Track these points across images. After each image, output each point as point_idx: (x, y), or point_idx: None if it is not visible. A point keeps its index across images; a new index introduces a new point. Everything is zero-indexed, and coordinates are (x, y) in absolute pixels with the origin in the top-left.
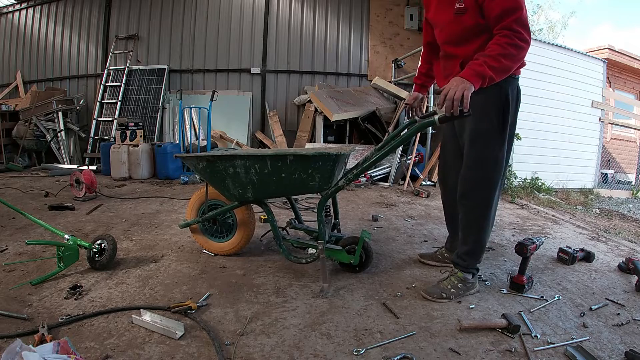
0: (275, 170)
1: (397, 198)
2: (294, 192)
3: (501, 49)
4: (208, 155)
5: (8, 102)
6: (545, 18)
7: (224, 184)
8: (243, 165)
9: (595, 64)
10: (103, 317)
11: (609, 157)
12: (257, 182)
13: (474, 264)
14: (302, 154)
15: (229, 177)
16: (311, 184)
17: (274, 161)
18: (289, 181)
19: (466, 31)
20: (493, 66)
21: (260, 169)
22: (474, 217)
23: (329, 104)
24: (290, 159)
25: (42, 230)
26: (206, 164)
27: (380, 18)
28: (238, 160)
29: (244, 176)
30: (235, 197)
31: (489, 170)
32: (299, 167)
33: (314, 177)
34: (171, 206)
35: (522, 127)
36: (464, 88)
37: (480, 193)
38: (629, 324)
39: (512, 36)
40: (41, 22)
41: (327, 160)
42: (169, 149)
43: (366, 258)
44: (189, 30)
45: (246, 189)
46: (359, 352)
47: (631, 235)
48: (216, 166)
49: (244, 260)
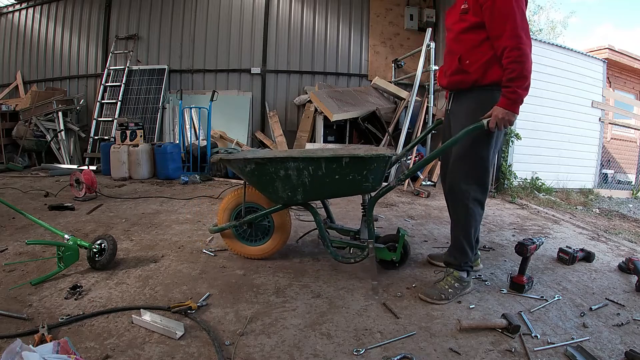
0: (330, 172)
1: (397, 198)
2: (347, 193)
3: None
4: (257, 158)
5: (8, 102)
6: (547, 18)
7: (272, 186)
8: (296, 167)
9: (595, 64)
10: (103, 317)
11: (609, 157)
12: (309, 184)
13: (465, 262)
14: (360, 156)
15: (279, 180)
16: (365, 185)
17: (329, 163)
18: (342, 183)
19: (469, 27)
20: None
21: (314, 171)
22: (459, 211)
23: (329, 104)
24: (346, 161)
25: (42, 230)
26: (255, 166)
27: (380, 18)
28: (291, 162)
29: (296, 179)
30: (283, 200)
31: (474, 166)
32: (354, 169)
33: (367, 178)
34: (171, 206)
35: (522, 127)
36: (509, 120)
37: (465, 187)
38: (629, 324)
39: (510, 53)
40: (41, 22)
41: (382, 161)
42: (169, 149)
43: (404, 254)
44: (189, 30)
45: (296, 191)
46: (359, 352)
47: (631, 235)
48: (266, 168)
49: (244, 260)
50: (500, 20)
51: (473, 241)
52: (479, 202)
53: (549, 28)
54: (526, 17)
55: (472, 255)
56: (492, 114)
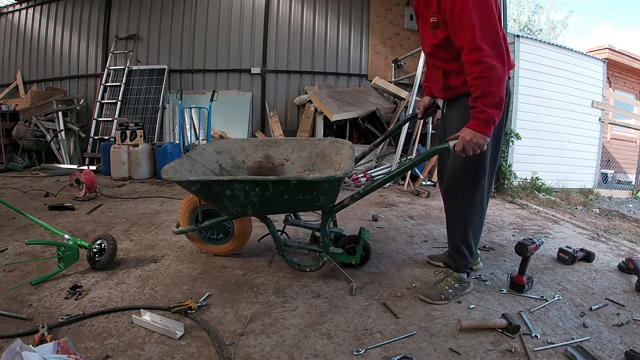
0: (278, 192)
1: (397, 198)
2: (298, 210)
3: (479, 84)
4: (202, 180)
5: (8, 102)
6: (547, 18)
7: (221, 204)
8: (242, 188)
9: (595, 64)
10: (103, 317)
11: (609, 157)
12: (257, 202)
13: (464, 264)
14: (307, 180)
15: (227, 199)
16: (316, 204)
17: (276, 185)
18: (292, 201)
19: (441, 43)
20: (487, 103)
21: (261, 192)
22: (457, 216)
23: (329, 104)
24: (293, 183)
25: (42, 230)
26: (200, 186)
27: (380, 18)
28: (237, 184)
29: (244, 198)
30: (234, 215)
31: (472, 171)
32: (303, 190)
33: (318, 198)
34: (171, 206)
35: (522, 127)
36: (477, 144)
37: (464, 193)
38: (629, 324)
39: (471, 69)
40: (41, 22)
41: (332, 183)
42: (169, 149)
43: (366, 255)
44: (189, 30)
45: (246, 208)
46: (359, 352)
47: (631, 235)
48: (212, 189)
49: (244, 260)
50: (459, 32)
51: (472, 244)
52: (477, 206)
53: (549, 28)
54: (495, 23)
55: (471, 257)
56: (460, 135)
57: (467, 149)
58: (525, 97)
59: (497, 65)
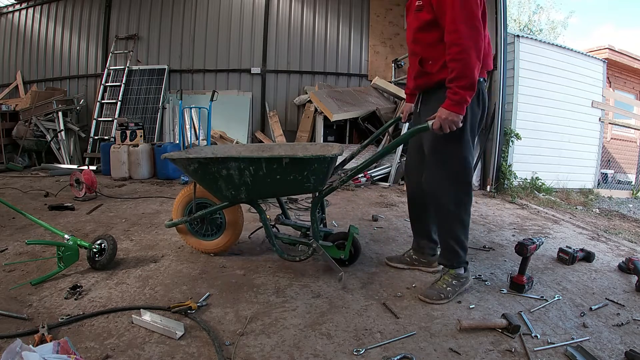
0: (271, 172)
1: (397, 198)
2: (289, 192)
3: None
4: (200, 157)
5: (8, 102)
6: (547, 18)
7: (216, 185)
8: (237, 167)
9: (595, 64)
10: (103, 317)
11: (609, 157)
12: (251, 183)
13: (458, 260)
14: (298, 157)
15: (222, 179)
16: (306, 185)
17: (269, 163)
18: (284, 182)
19: (424, 25)
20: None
21: (255, 171)
22: (445, 215)
23: (329, 104)
24: (285, 162)
25: (42, 230)
26: (198, 165)
27: (380, 18)
28: (232, 162)
29: (238, 178)
30: (228, 199)
31: (451, 166)
32: (294, 170)
33: (309, 179)
34: (171, 206)
35: (522, 127)
36: (452, 121)
37: (447, 190)
38: (629, 324)
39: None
40: (41, 22)
41: (322, 162)
42: (169, 149)
43: (355, 252)
44: (189, 30)
45: (239, 190)
46: (359, 352)
47: (631, 235)
48: (209, 168)
49: (244, 260)
50: (441, 13)
51: (462, 239)
52: (461, 202)
53: (549, 28)
54: (475, 7)
55: (464, 252)
56: (436, 115)
57: (443, 126)
58: (525, 97)
59: (472, 48)
